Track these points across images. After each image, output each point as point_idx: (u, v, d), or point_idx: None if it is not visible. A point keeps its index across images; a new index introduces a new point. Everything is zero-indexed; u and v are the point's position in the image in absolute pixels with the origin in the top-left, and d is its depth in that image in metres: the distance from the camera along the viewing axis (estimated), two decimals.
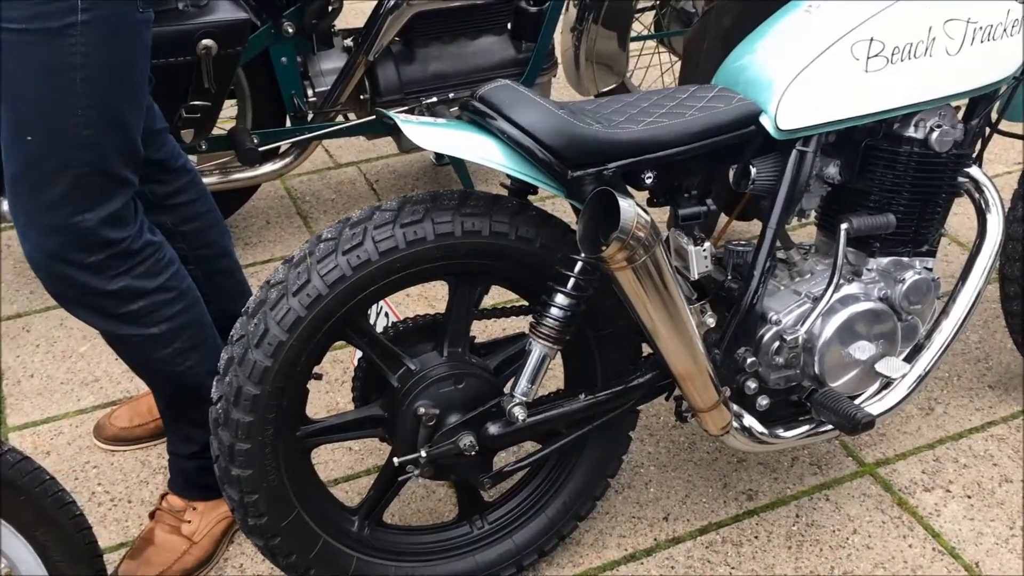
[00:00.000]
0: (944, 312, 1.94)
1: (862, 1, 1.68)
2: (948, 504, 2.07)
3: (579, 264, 1.58)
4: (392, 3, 2.56)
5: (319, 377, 1.67)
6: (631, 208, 1.43)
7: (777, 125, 1.68)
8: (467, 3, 2.72)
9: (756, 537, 2.00)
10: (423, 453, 1.62)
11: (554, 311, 1.59)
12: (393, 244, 1.54)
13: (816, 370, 1.81)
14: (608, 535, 2.00)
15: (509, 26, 2.91)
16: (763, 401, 1.81)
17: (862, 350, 1.82)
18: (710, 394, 1.68)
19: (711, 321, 1.66)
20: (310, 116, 2.68)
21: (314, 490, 1.70)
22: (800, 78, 1.67)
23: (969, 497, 2.08)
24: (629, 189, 1.62)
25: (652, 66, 3.49)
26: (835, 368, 1.82)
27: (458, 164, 2.95)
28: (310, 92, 2.68)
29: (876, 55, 1.68)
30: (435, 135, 1.52)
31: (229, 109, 2.70)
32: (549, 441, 1.76)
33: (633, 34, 3.19)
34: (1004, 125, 2.05)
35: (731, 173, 1.77)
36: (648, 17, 3.39)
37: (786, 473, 2.15)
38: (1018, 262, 2.09)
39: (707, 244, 1.68)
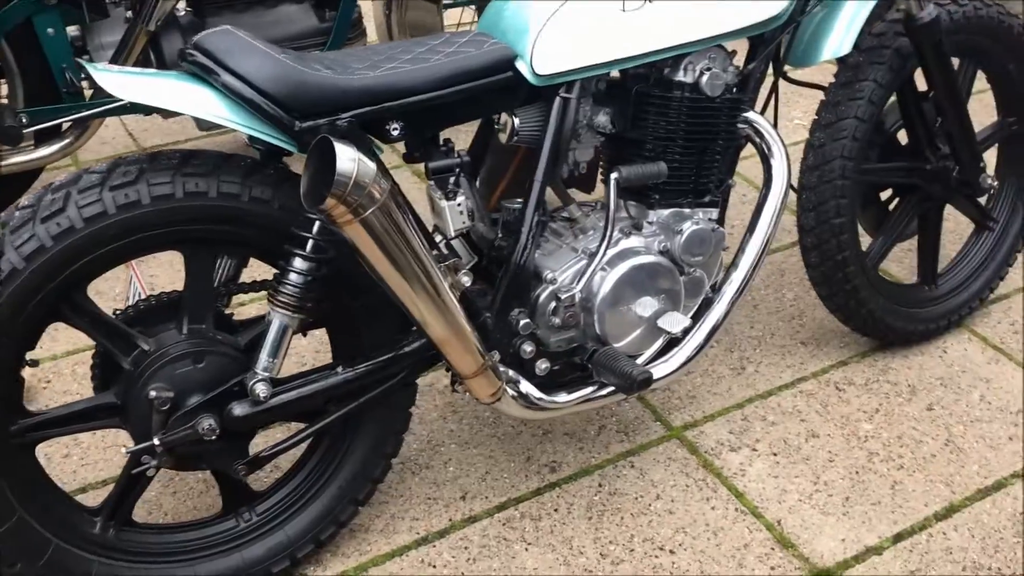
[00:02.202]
0: (733, 264, 1.88)
1: None
2: (754, 463, 2.02)
3: (316, 224, 1.45)
4: None
5: (35, 364, 1.50)
6: (351, 157, 1.31)
7: (534, 70, 1.58)
8: None
9: (556, 510, 1.91)
10: (156, 441, 1.47)
11: (292, 276, 1.46)
12: (100, 209, 1.38)
13: (597, 329, 1.72)
14: (400, 519, 1.88)
15: None
16: (543, 365, 1.71)
17: (644, 306, 1.74)
18: (473, 359, 1.57)
19: (466, 280, 1.56)
20: (89, 92, 2.48)
21: (42, 491, 1.53)
22: (554, 19, 1.57)
23: (775, 455, 2.04)
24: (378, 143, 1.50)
25: None
26: (616, 326, 1.73)
27: None
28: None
29: None
30: (138, 85, 1.37)
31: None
32: (314, 421, 1.63)
33: (448, 1, 3.08)
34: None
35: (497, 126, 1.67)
36: None
37: (592, 442, 2.06)
38: (812, 212, 2.05)
39: (461, 198, 1.57)
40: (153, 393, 1.47)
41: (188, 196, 1.42)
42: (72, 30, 2.54)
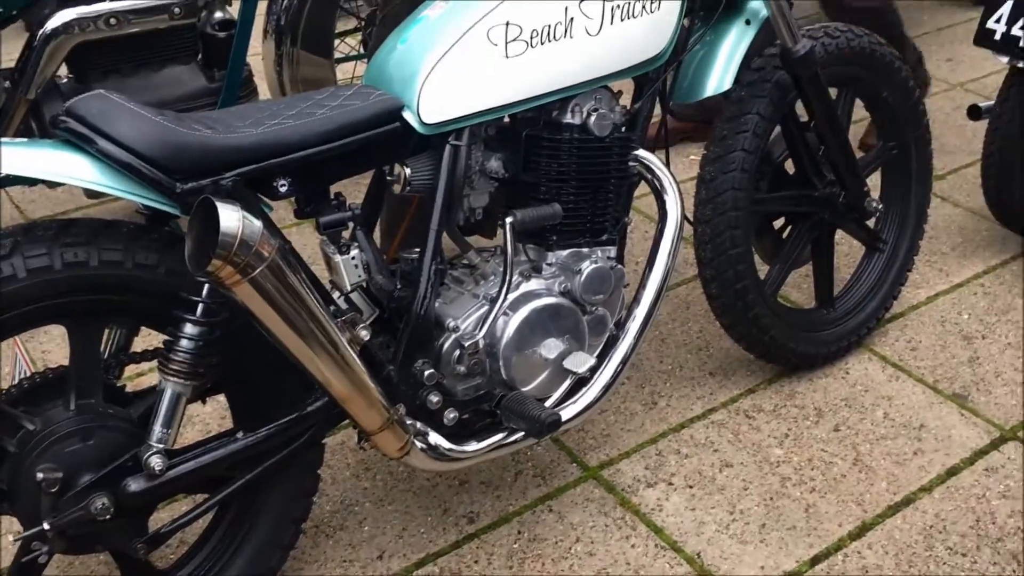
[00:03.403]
0: (635, 300, 1.89)
1: None
2: (670, 497, 2.02)
3: (206, 287, 1.41)
4: (44, 35, 2.33)
5: None
6: (234, 216, 1.28)
7: (421, 119, 1.58)
8: (139, 31, 2.51)
9: (476, 562, 1.87)
10: (46, 525, 1.39)
11: (183, 343, 1.42)
12: None
13: (503, 375, 1.71)
14: None
15: (200, 56, 2.73)
16: (451, 415, 1.69)
17: (549, 348, 1.74)
18: (377, 414, 1.54)
19: (365, 334, 1.53)
20: None
21: None
22: (438, 68, 1.58)
23: (691, 487, 2.04)
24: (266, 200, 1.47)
25: None
26: (522, 370, 1.72)
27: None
28: None
29: (515, 39, 1.61)
30: (10, 155, 1.32)
31: None
32: (217, 490, 1.57)
33: (340, 55, 3.07)
34: None
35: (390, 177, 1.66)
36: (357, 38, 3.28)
37: (509, 489, 2.04)
38: (708, 244, 2.08)
39: (355, 252, 1.55)
40: (40, 475, 1.40)
41: (67, 267, 1.37)
42: None
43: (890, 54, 2.21)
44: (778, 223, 2.34)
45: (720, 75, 1.97)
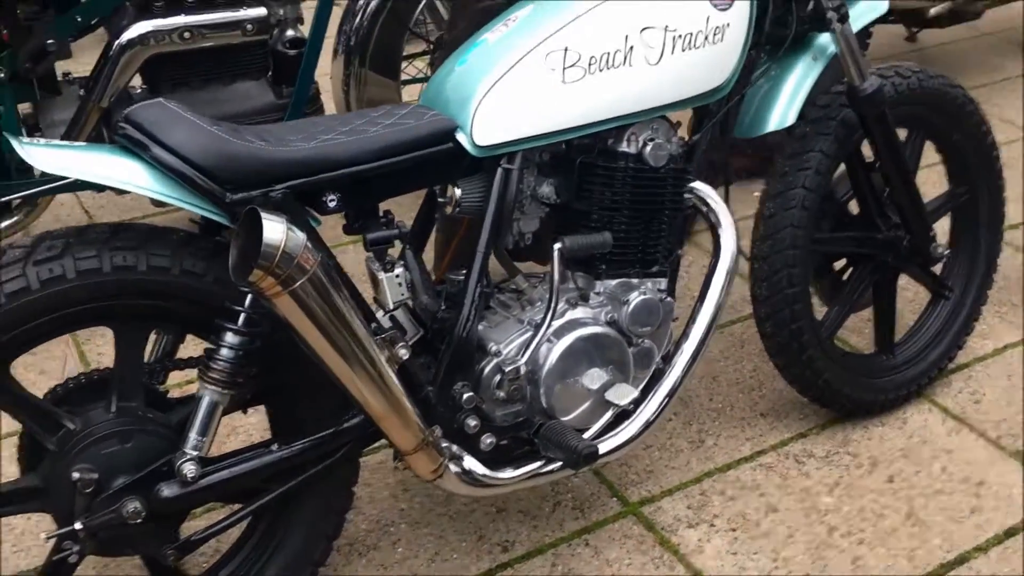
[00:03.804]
0: (684, 334, 1.86)
1: (561, 3, 1.60)
2: (712, 539, 1.96)
3: (249, 298, 1.42)
4: (120, 45, 2.39)
5: None
6: (279, 228, 1.28)
7: (474, 141, 1.57)
8: (212, 46, 2.56)
9: None
10: (79, 525, 1.40)
11: (223, 352, 1.42)
12: (23, 285, 1.35)
13: (543, 402, 1.68)
14: None
15: (270, 73, 2.77)
16: (488, 440, 1.67)
17: (592, 378, 1.71)
18: (412, 434, 1.52)
19: (404, 353, 1.52)
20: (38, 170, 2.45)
21: None
22: (494, 90, 1.57)
23: (734, 530, 1.98)
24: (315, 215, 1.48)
25: None
26: (563, 399, 1.70)
27: None
28: None
29: (572, 65, 1.60)
30: (66, 159, 1.35)
31: None
32: (250, 501, 1.57)
33: (407, 77, 3.10)
34: None
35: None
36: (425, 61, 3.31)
37: (546, 519, 2.00)
38: (764, 282, 2.03)
39: (399, 270, 1.54)
40: (76, 475, 1.41)
41: (116, 270, 1.39)
42: (24, 107, 2.53)
43: (963, 96, 2.15)
44: (839, 264, 2.29)
45: (784, 110, 1.93)
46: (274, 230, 1.28)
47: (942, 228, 2.27)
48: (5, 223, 2.46)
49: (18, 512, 1.49)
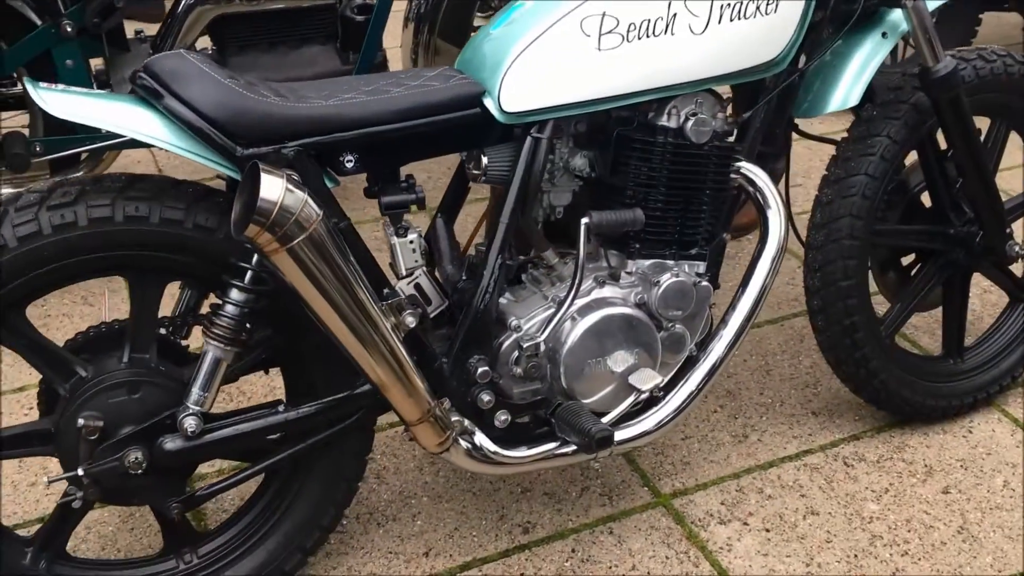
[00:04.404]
0: (722, 322, 1.77)
1: None
2: (743, 538, 1.87)
3: (255, 255, 1.40)
4: (186, 4, 2.41)
5: None
6: (277, 184, 1.26)
7: (501, 107, 1.51)
8: (280, 8, 2.56)
9: (522, 574, 1.79)
10: (81, 471, 1.42)
11: (228, 308, 1.41)
12: (35, 229, 1.36)
13: (563, 382, 1.62)
14: (357, 573, 1.79)
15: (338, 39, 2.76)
16: (503, 417, 1.62)
17: (615, 361, 1.64)
18: (416, 404, 1.49)
19: (411, 321, 1.48)
20: None
21: None
22: (524, 55, 1.51)
23: (767, 531, 1.89)
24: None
25: None
26: (583, 380, 1.63)
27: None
28: None
29: (610, 31, 1.53)
30: (78, 105, 1.35)
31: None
32: (258, 460, 1.57)
33: None
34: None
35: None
36: None
37: (572, 504, 1.94)
38: (818, 272, 1.92)
39: (413, 235, 1.50)
40: (82, 421, 1.42)
41: (128, 220, 1.39)
42: (97, 63, 2.59)
43: None
44: (908, 259, 2.15)
45: (847, 90, 1.81)
46: (272, 185, 1.25)
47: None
48: (72, 176, 2.52)
49: (28, 455, 1.51)
